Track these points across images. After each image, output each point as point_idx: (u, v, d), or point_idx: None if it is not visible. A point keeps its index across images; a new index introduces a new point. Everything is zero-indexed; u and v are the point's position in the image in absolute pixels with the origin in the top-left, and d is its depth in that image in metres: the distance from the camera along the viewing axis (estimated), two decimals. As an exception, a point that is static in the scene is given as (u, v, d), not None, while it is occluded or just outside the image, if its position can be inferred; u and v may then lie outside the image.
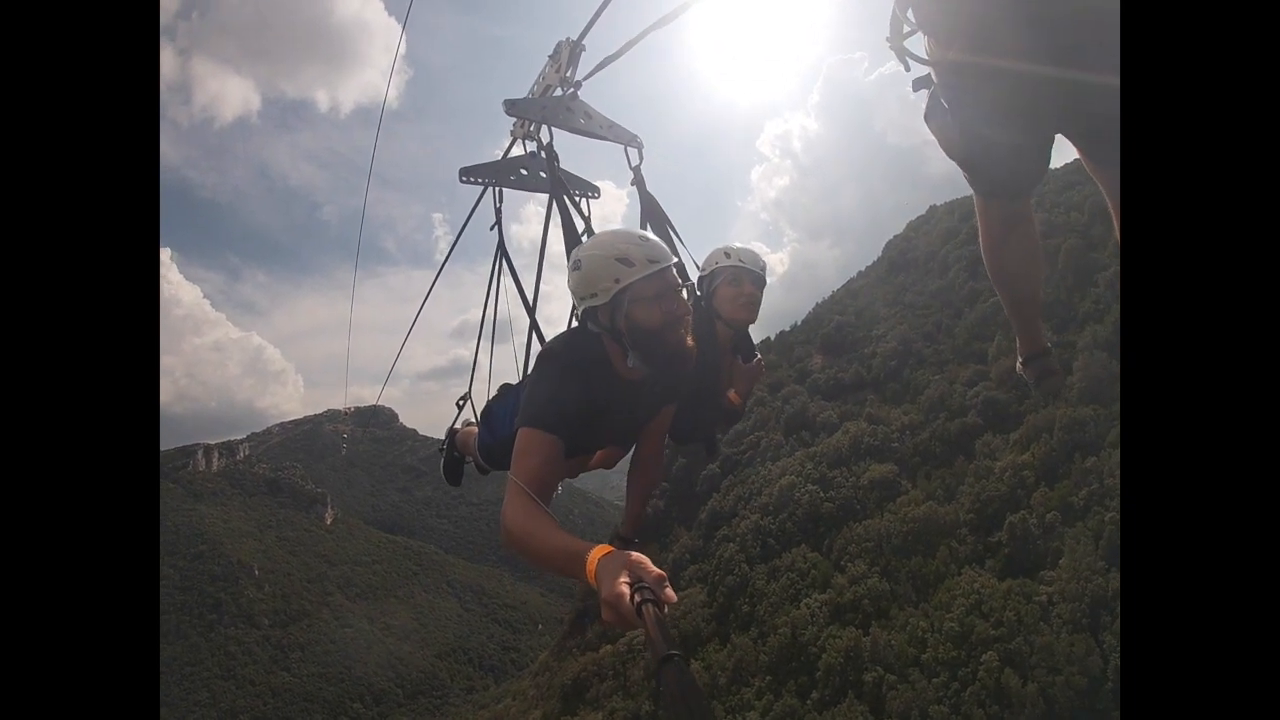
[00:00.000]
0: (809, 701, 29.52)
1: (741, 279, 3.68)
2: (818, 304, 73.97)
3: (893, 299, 60.59)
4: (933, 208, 74.78)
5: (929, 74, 2.18)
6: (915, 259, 64.70)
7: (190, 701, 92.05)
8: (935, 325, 51.36)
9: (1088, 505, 27.43)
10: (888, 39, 2.08)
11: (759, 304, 3.77)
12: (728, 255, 3.74)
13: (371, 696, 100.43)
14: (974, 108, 2.10)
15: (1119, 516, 25.47)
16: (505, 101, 4.07)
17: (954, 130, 2.22)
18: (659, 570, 1.71)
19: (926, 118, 2.30)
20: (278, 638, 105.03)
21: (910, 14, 2.06)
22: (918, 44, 2.15)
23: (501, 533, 2.23)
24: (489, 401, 4.00)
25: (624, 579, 1.68)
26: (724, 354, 3.80)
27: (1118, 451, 27.65)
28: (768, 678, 31.94)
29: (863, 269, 76.66)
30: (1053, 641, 23.92)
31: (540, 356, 2.78)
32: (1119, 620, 22.68)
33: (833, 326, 61.31)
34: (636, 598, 1.61)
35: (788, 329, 71.13)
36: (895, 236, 75.41)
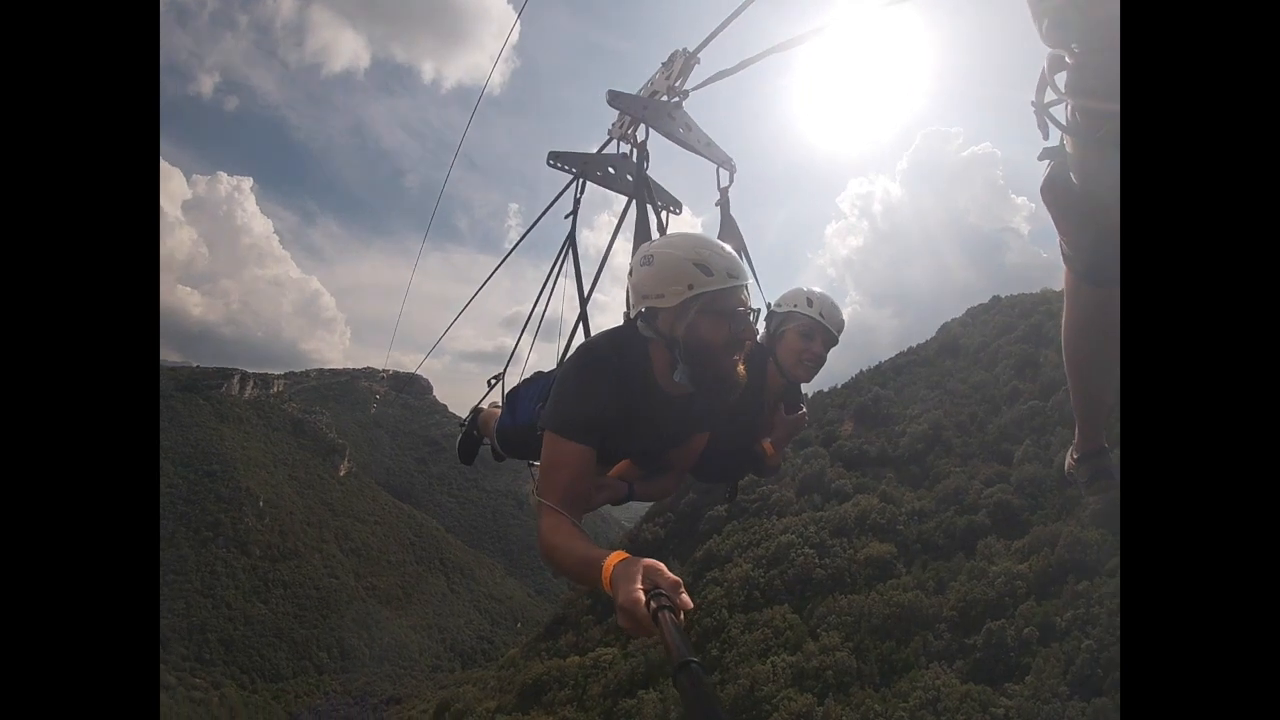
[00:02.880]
0: (751, 757, 29.52)
1: (815, 335, 3.44)
2: (861, 371, 73.27)
3: (935, 382, 59.90)
4: (995, 298, 73.27)
5: (1060, 145, 2.00)
6: (966, 347, 63.93)
7: (164, 608, 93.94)
8: (969, 417, 50.75)
9: (1069, 628, 27.05)
10: (1032, 101, 1.92)
11: (823, 365, 3.52)
12: (810, 303, 3.45)
13: (339, 649, 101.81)
14: (1112, 192, 1.76)
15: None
16: (610, 92, 3.97)
17: (1082, 211, 2.04)
18: (675, 576, 1.69)
19: (1044, 189, 2.10)
20: (264, 570, 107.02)
21: (1060, 81, 1.88)
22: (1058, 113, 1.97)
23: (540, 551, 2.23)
24: (518, 384, 3.91)
25: (640, 585, 1.66)
26: (770, 396, 3.59)
27: (1113, 580, 27.28)
28: (716, 724, 31.83)
29: (914, 345, 75.68)
30: None
31: (580, 350, 2.64)
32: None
33: (869, 397, 60.83)
34: (653, 604, 1.59)
35: (825, 390, 70.56)
36: (952, 320, 74.38)
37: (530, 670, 47.85)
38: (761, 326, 3.61)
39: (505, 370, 4.58)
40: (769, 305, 3.68)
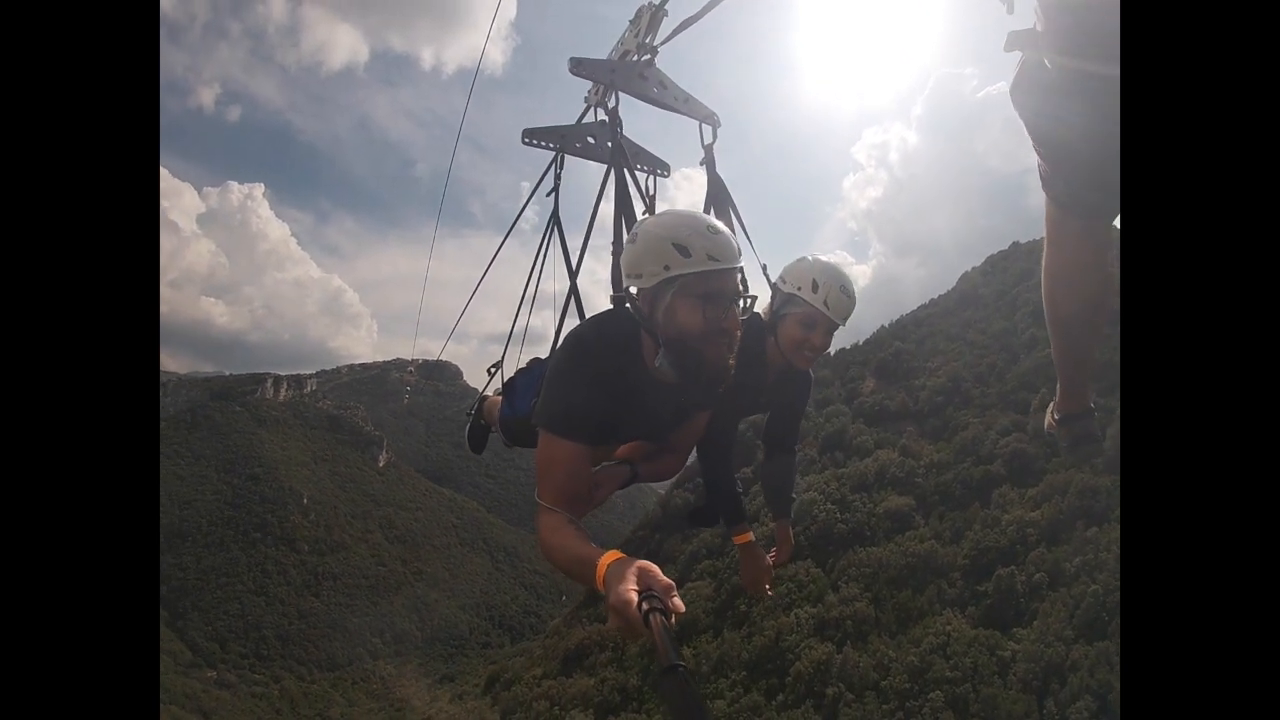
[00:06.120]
0: (774, 702, 31.10)
1: (816, 325, 3.19)
2: (882, 326, 72.66)
3: (956, 334, 59.73)
4: (1015, 244, 71.80)
5: (1033, 28, 1.64)
6: (986, 296, 63.62)
7: (220, 610, 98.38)
8: (989, 367, 50.98)
9: (1077, 574, 27.83)
10: None
11: (824, 352, 3.32)
12: (815, 289, 3.16)
13: (392, 634, 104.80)
14: (1099, 79, 1.48)
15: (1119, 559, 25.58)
16: (571, 60, 3.81)
17: (1061, 108, 1.68)
18: (667, 579, 1.67)
19: (1014, 89, 1.79)
20: (313, 564, 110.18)
21: None
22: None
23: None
24: (515, 373, 3.84)
25: (632, 586, 1.64)
26: (770, 375, 3.42)
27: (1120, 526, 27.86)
28: (743, 673, 33.55)
29: (936, 297, 74.88)
30: (998, 695, 24.80)
31: (566, 342, 2.53)
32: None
33: (891, 352, 60.85)
34: (644, 606, 1.58)
35: (848, 347, 70.12)
36: (972, 269, 73.35)
37: (572, 637, 49.72)
38: (765, 299, 3.43)
39: (503, 358, 4.50)
40: (767, 273, 3.54)
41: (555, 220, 4.31)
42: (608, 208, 3.70)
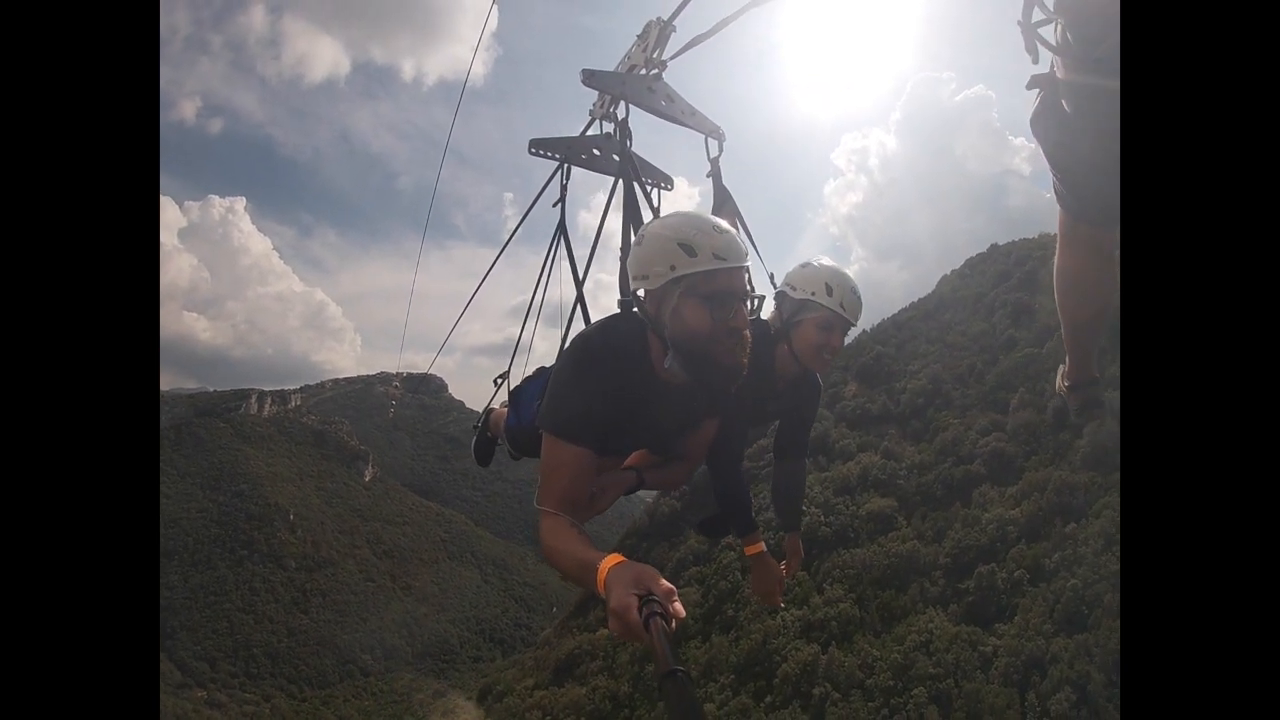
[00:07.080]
0: (762, 704, 31.52)
1: (834, 327, 3.24)
2: (864, 331, 72.71)
3: (936, 336, 60.04)
4: (994, 246, 71.86)
5: (1050, 71, 1.87)
6: (965, 298, 64.06)
7: (209, 629, 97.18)
8: (968, 368, 51.51)
9: (1057, 569, 28.32)
10: (1019, 21, 1.75)
11: (838, 355, 3.36)
12: (830, 292, 3.21)
13: (382, 650, 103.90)
14: (1108, 119, 1.67)
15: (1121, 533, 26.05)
16: (584, 71, 3.85)
17: (1075, 141, 1.92)
18: (668, 584, 1.67)
19: (1034, 121, 1.99)
20: (301, 581, 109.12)
21: None
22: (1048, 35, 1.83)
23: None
24: (521, 381, 3.79)
25: (633, 591, 1.65)
26: (780, 382, 3.45)
27: (1098, 521, 28.55)
28: (732, 676, 33.93)
29: (916, 300, 75.15)
30: (981, 689, 25.31)
31: (573, 345, 2.52)
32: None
33: (872, 357, 61.19)
34: (645, 611, 1.59)
35: None
36: (951, 272, 73.59)
37: (563, 647, 49.92)
38: (770, 306, 3.43)
39: (510, 368, 4.35)
40: (774, 281, 3.54)
41: (562, 230, 4.27)
42: (602, 220, 3.88)
